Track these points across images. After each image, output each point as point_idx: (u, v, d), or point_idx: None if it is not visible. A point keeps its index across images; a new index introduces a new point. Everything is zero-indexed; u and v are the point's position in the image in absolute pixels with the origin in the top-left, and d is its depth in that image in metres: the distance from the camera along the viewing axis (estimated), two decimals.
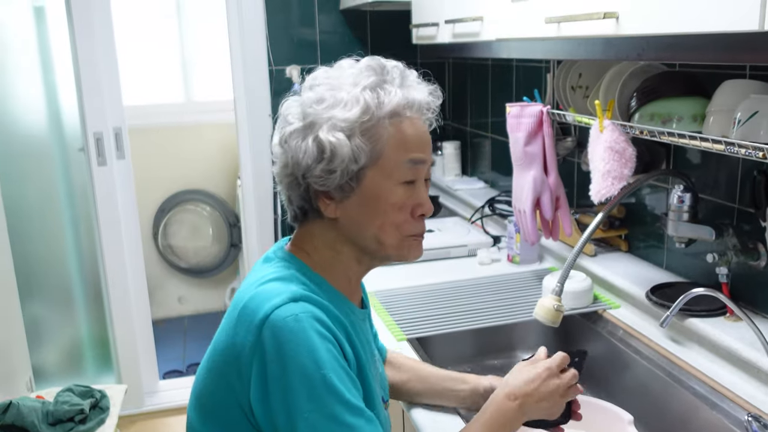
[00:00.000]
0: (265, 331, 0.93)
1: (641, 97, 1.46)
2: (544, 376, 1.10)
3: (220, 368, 0.99)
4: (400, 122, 1.01)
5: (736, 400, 1.30)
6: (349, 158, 0.99)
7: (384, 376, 1.25)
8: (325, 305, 0.99)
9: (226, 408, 0.98)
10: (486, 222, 2.40)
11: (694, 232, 1.48)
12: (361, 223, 1.03)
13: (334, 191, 1.01)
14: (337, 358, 0.95)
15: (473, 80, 2.84)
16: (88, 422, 2.41)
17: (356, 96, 1.00)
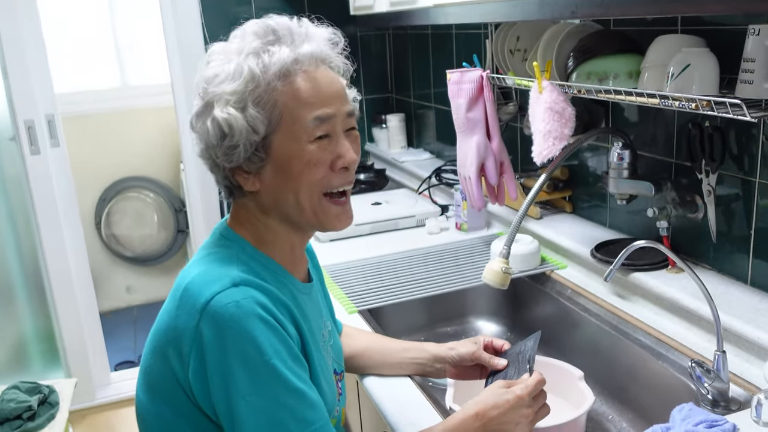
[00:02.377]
0: (205, 318, 0.92)
1: (578, 56, 1.47)
2: (513, 403, 1.05)
3: (163, 348, 0.98)
4: (294, 81, 0.98)
5: (680, 348, 1.33)
6: (247, 131, 0.96)
7: (338, 347, 1.24)
8: (267, 288, 0.97)
9: (170, 386, 0.98)
10: (433, 192, 2.40)
11: (634, 188, 1.51)
12: (279, 190, 1.01)
13: (245, 165, 1.00)
14: (281, 341, 0.94)
15: (414, 51, 2.83)
16: (37, 419, 2.34)
17: (240, 65, 0.97)
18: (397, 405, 1.23)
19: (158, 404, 1.01)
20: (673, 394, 1.30)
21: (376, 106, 3.10)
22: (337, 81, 1.04)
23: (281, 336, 0.95)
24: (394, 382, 1.30)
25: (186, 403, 0.97)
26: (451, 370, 1.28)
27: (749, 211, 1.36)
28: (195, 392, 0.95)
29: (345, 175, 1.03)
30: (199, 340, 0.92)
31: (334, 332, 1.23)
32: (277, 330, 0.94)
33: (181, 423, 0.99)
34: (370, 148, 3.10)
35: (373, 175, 2.78)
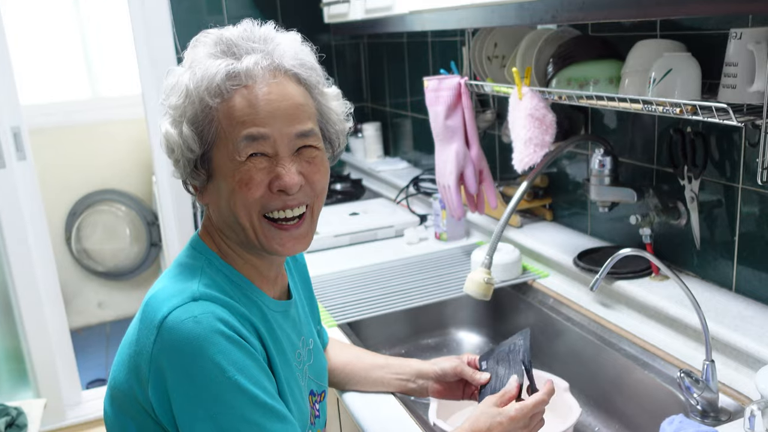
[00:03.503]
0: (162, 334, 0.88)
1: (557, 62, 1.45)
2: (506, 427, 1.02)
3: (129, 364, 0.94)
4: (230, 98, 0.91)
5: (667, 357, 1.31)
6: (180, 147, 0.93)
7: (321, 366, 1.19)
8: (229, 303, 0.93)
9: (134, 404, 0.94)
10: (411, 201, 2.37)
11: (616, 195, 1.49)
12: (220, 207, 0.97)
13: (190, 180, 0.97)
14: (246, 355, 0.90)
15: (389, 59, 2.80)
16: None
17: (180, 80, 0.93)
18: (378, 422, 1.19)
19: (122, 418, 0.97)
20: (660, 405, 1.27)
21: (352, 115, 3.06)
22: (290, 95, 0.94)
23: (245, 350, 0.90)
24: (375, 397, 1.26)
25: (148, 420, 0.93)
26: (434, 387, 1.25)
27: (732, 217, 1.34)
28: (157, 412, 0.91)
29: (284, 199, 0.95)
30: (156, 357, 0.89)
31: (316, 351, 1.18)
32: (240, 344, 0.90)
33: None
34: (346, 157, 3.06)
35: (349, 185, 2.75)
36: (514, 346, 1.17)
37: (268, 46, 0.95)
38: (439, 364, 1.24)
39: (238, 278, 1.00)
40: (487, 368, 1.22)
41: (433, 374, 1.24)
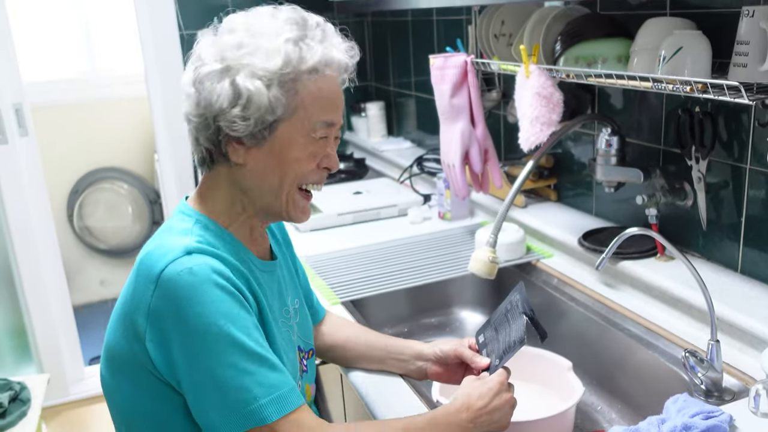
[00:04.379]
0: (160, 286, 0.93)
1: (565, 39, 1.44)
2: (496, 390, 1.06)
3: (124, 322, 0.99)
4: (319, 80, 1.00)
5: (671, 338, 1.31)
6: (265, 108, 0.97)
7: (307, 326, 1.23)
8: (222, 256, 0.98)
9: (129, 359, 0.99)
10: (415, 181, 2.37)
11: (622, 176, 1.48)
12: (266, 171, 1.03)
13: (245, 138, 1.00)
14: (239, 306, 0.95)
15: (394, 38, 2.78)
16: (8, 416, 2.27)
17: (278, 47, 0.97)
18: (382, 397, 1.19)
19: (118, 379, 1.02)
20: (663, 384, 1.27)
21: (356, 94, 3.05)
22: (342, 94, 1.07)
23: (239, 301, 0.96)
24: (379, 375, 1.26)
25: (145, 375, 0.97)
26: (433, 370, 1.25)
27: (739, 198, 1.33)
28: (155, 362, 0.95)
29: (323, 175, 1.08)
30: (154, 309, 0.94)
31: (302, 310, 1.22)
32: (234, 295, 0.95)
33: (141, 396, 1.00)
34: (349, 137, 3.05)
35: (352, 165, 2.74)
36: (511, 304, 1.17)
37: (340, 44, 1.05)
38: (439, 345, 1.24)
39: (228, 236, 1.05)
40: (485, 340, 1.22)
41: (433, 356, 1.24)
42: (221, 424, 0.93)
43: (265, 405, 0.93)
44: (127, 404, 1.03)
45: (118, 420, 1.07)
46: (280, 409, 0.94)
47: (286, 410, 0.95)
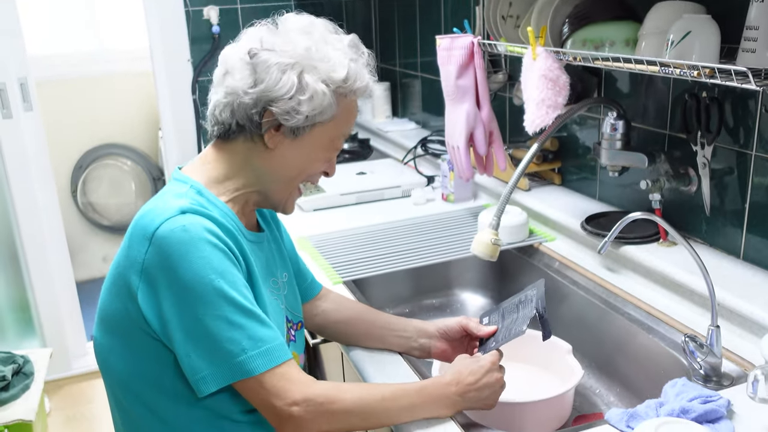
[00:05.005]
0: (154, 243, 0.98)
1: (573, 22, 1.43)
2: (487, 368, 1.09)
3: (117, 283, 1.03)
4: (353, 100, 1.12)
5: (672, 323, 1.32)
6: (320, 109, 1.06)
7: (296, 299, 1.26)
8: (214, 217, 1.03)
9: (121, 318, 1.03)
10: (419, 162, 2.36)
11: (627, 160, 1.48)
12: (288, 162, 1.11)
13: (288, 131, 1.07)
14: (230, 263, 1.00)
15: (400, 18, 2.76)
16: (11, 389, 2.29)
17: (344, 62, 1.07)
18: (383, 376, 1.20)
19: (112, 340, 1.06)
20: (662, 369, 1.28)
21: None
22: None
23: (230, 258, 1.00)
24: (380, 354, 1.27)
25: (138, 333, 1.01)
26: (437, 347, 1.26)
27: (744, 184, 1.33)
28: (147, 318, 0.99)
29: (318, 180, 1.19)
30: (147, 265, 0.98)
31: (291, 284, 1.25)
32: (225, 252, 1.00)
33: (134, 355, 1.04)
34: None
35: (357, 145, 2.73)
36: (525, 297, 1.19)
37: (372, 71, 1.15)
38: (444, 321, 1.27)
39: (221, 204, 1.09)
40: (490, 323, 1.25)
41: (437, 332, 1.26)
42: (210, 375, 0.97)
43: (253, 357, 0.97)
44: (121, 365, 1.06)
45: (112, 382, 1.11)
46: (267, 362, 0.98)
47: (274, 363, 0.98)
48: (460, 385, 1.07)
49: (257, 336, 0.98)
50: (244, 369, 0.97)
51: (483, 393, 1.08)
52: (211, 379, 0.97)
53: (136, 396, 1.07)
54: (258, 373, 0.97)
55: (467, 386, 1.07)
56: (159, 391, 1.04)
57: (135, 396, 1.07)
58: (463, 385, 1.07)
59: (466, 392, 1.06)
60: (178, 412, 1.05)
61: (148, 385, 1.05)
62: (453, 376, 1.08)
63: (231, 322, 0.97)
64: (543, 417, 1.22)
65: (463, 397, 1.06)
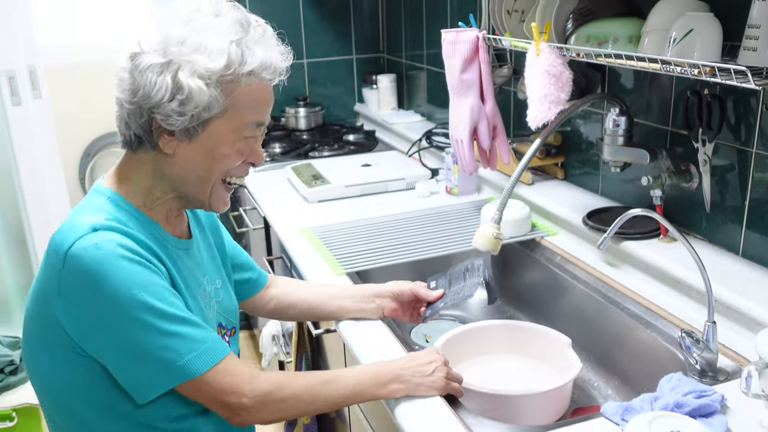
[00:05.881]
0: (68, 262, 0.96)
1: (577, 18, 1.43)
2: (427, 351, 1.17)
3: (37, 298, 1.03)
4: (256, 83, 1.04)
5: (669, 318, 1.33)
6: (203, 106, 1.00)
7: (231, 306, 1.27)
8: (128, 232, 1.01)
9: (48, 334, 1.02)
10: (423, 155, 2.37)
11: (629, 156, 1.49)
12: (193, 164, 1.06)
13: (178, 132, 1.03)
14: (149, 275, 0.99)
15: (407, 11, 2.76)
16: (20, 373, 2.33)
17: (222, 47, 1.00)
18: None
19: (36, 352, 1.05)
20: (660, 363, 1.29)
21: (367, 65, 3.05)
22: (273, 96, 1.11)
23: (149, 270, 0.99)
24: (380, 343, 1.29)
25: (60, 348, 1.00)
26: (390, 306, 1.35)
27: (744, 181, 1.34)
28: (71, 334, 0.99)
29: (247, 169, 1.13)
30: (65, 286, 0.97)
31: (225, 290, 1.26)
32: (143, 264, 0.99)
33: (59, 368, 1.03)
34: (359, 108, 3.05)
35: (362, 137, 2.75)
36: (472, 265, 1.31)
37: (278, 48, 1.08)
38: (395, 284, 1.37)
39: (140, 215, 1.08)
40: (437, 286, 1.37)
41: (389, 293, 1.35)
42: (151, 383, 0.98)
43: (191, 360, 0.98)
44: (48, 377, 1.06)
45: (41, 393, 1.10)
46: (208, 361, 0.99)
47: (214, 361, 1.00)
48: (402, 361, 1.13)
49: (192, 338, 0.99)
50: (186, 372, 0.98)
51: (426, 368, 1.11)
52: (152, 385, 0.99)
53: (65, 409, 1.07)
54: (200, 373, 0.99)
55: (409, 361, 1.12)
56: (87, 404, 1.04)
57: (64, 409, 1.07)
58: (405, 361, 1.13)
59: (407, 366, 1.11)
60: (107, 424, 1.05)
61: (76, 398, 1.04)
62: (397, 358, 1.16)
63: (163, 331, 0.97)
64: (541, 409, 1.24)
65: (405, 369, 1.11)
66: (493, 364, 1.41)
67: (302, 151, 2.58)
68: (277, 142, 2.67)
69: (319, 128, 2.83)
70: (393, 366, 1.12)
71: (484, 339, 1.41)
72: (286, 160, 2.47)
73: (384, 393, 1.09)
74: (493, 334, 1.42)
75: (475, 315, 1.72)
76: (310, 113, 2.81)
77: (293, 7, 2.84)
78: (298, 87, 2.94)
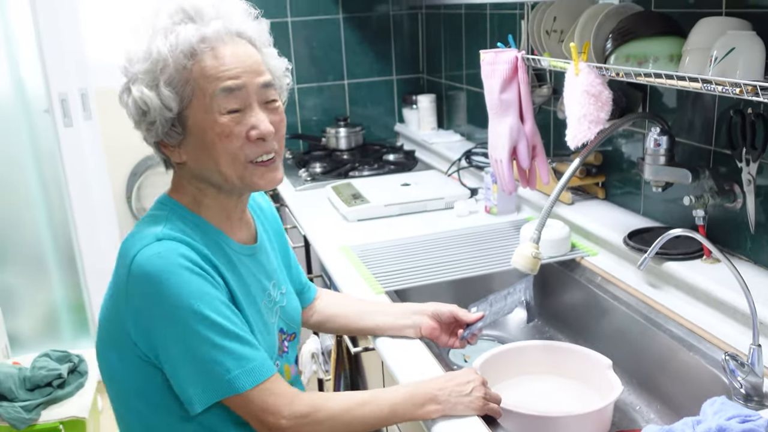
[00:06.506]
0: (132, 270, 1.00)
1: (617, 38, 1.43)
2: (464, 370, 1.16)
3: (110, 301, 1.07)
4: (202, 59, 1.02)
5: (713, 340, 1.30)
6: (160, 108, 1.02)
7: (294, 310, 1.30)
8: (189, 242, 1.04)
9: (117, 336, 1.06)
10: (463, 174, 2.38)
11: (670, 176, 1.47)
12: (201, 161, 1.07)
13: (166, 139, 1.06)
14: (207, 287, 1.02)
15: (447, 31, 2.79)
16: (67, 387, 2.39)
17: (149, 46, 1.02)
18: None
19: (108, 353, 1.10)
20: (703, 387, 1.27)
21: (407, 86, 3.08)
22: (251, 54, 1.07)
23: (207, 281, 1.02)
24: (417, 363, 1.29)
25: (129, 352, 1.05)
26: (428, 324, 1.34)
27: None
28: (137, 342, 1.03)
29: (262, 146, 1.07)
30: (131, 293, 1.01)
31: (289, 296, 1.28)
32: (202, 276, 1.02)
33: (127, 370, 1.07)
34: (399, 128, 3.08)
35: (402, 156, 2.77)
36: (514, 289, 1.30)
37: (223, 13, 1.06)
38: (435, 305, 1.36)
39: (203, 223, 1.12)
40: (478, 311, 1.36)
41: (428, 311, 1.35)
42: (198, 395, 1.01)
43: (238, 376, 1.01)
44: (117, 376, 1.10)
45: (111, 392, 1.14)
46: (253, 380, 1.02)
47: (259, 380, 1.02)
48: (439, 381, 1.12)
49: (241, 355, 1.02)
50: (232, 387, 1.01)
51: (464, 388, 1.11)
52: (199, 398, 1.02)
53: (133, 410, 1.11)
54: (244, 390, 1.01)
55: (446, 381, 1.12)
56: (153, 408, 1.08)
57: (132, 410, 1.11)
58: (442, 381, 1.12)
59: (444, 386, 1.11)
60: (173, 427, 1.09)
61: (143, 401, 1.09)
62: (435, 377, 1.15)
63: (214, 344, 1.00)
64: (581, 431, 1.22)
65: (443, 390, 1.10)
66: (531, 385, 1.40)
67: (342, 170, 2.61)
68: (318, 161, 2.71)
69: (360, 148, 2.87)
70: (430, 386, 1.12)
71: (523, 359, 1.40)
72: (327, 180, 2.50)
73: (421, 414, 1.10)
74: (532, 354, 1.41)
75: (513, 335, 1.71)
76: (351, 133, 2.85)
77: (334, 29, 2.89)
78: (338, 107, 2.98)
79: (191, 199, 1.12)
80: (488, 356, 1.35)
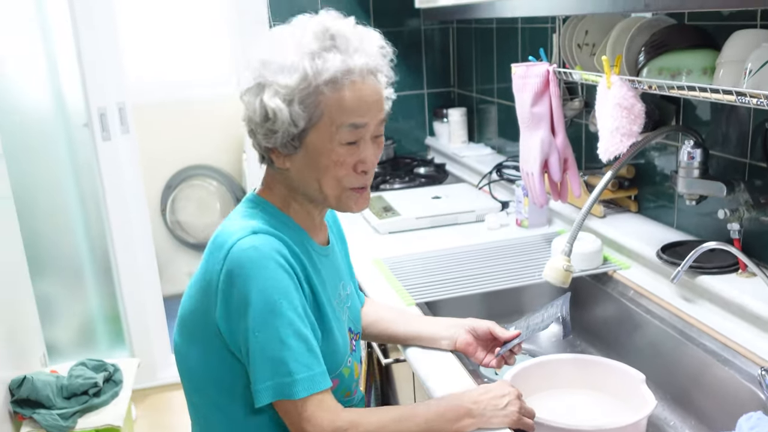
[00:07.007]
0: (228, 260, 1.05)
1: (650, 51, 1.43)
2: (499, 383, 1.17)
3: (198, 293, 1.11)
4: (340, 89, 1.05)
5: (749, 355, 1.29)
6: (288, 122, 1.05)
7: (356, 310, 1.35)
8: (284, 239, 1.09)
9: (200, 328, 1.11)
10: (494, 187, 2.38)
11: (704, 189, 1.46)
12: (305, 175, 1.12)
13: (280, 148, 1.10)
14: (291, 286, 1.05)
15: (478, 45, 2.80)
16: (102, 395, 2.43)
17: (295, 63, 1.04)
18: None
19: (190, 345, 1.14)
20: (739, 402, 1.25)
21: (438, 100, 3.09)
22: (379, 91, 1.11)
23: (294, 281, 1.06)
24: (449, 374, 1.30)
25: (213, 341, 1.08)
26: (463, 338, 1.33)
27: None
28: (222, 331, 1.07)
29: (363, 178, 1.14)
30: (223, 282, 1.05)
31: (353, 296, 1.33)
32: (290, 274, 1.06)
33: (209, 361, 1.11)
34: (430, 142, 3.09)
35: (433, 169, 2.78)
36: (551, 305, 1.30)
37: (365, 46, 1.09)
38: (473, 320, 1.36)
39: (292, 223, 1.17)
40: (516, 329, 1.35)
41: (466, 325, 1.34)
42: (259, 391, 1.04)
43: (297, 381, 1.03)
44: (198, 369, 1.14)
45: (189, 385, 1.18)
46: (309, 388, 1.04)
47: (314, 390, 1.04)
48: (474, 394, 1.13)
49: (304, 361, 1.04)
50: (287, 391, 1.03)
51: (500, 402, 1.12)
52: (260, 395, 1.04)
53: (211, 400, 1.14)
54: (299, 397, 1.03)
55: (481, 394, 1.12)
56: (232, 397, 1.11)
57: (210, 400, 1.14)
58: (477, 394, 1.12)
59: (479, 400, 1.11)
60: (249, 417, 1.11)
61: (223, 391, 1.12)
62: (469, 390, 1.16)
63: (285, 343, 1.03)
64: None
65: (477, 403, 1.10)
66: (563, 399, 1.39)
67: (374, 183, 2.61)
68: None
69: (391, 161, 2.88)
70: (465, 399, 1.12)
71: (555, 373, 1.40)
72: None
73: (456, 429, 1.10)
74: (564, 368, 1.40)
75: (545, 348, 1.71)
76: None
77: None
78: None
79: (281, 200, 1.17)
80: (519, 369, 1.35)
